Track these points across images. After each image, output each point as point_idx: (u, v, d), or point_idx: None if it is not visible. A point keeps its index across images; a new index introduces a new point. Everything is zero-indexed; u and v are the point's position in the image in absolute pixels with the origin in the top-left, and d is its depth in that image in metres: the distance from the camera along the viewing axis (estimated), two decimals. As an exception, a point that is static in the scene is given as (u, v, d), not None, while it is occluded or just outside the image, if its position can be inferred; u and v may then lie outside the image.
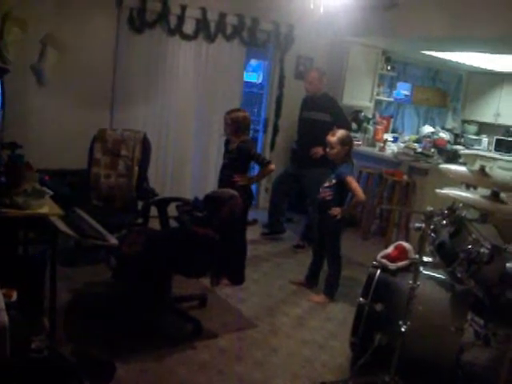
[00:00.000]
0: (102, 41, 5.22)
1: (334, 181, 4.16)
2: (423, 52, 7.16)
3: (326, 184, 4.22)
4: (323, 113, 5.40)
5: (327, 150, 4.24)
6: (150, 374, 3.00)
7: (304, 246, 5.62)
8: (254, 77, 8.03)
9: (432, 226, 3.04)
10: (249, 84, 7.40)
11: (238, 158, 4.32)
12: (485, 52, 6.52)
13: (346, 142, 4.13)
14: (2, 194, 2.84)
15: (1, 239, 2.90)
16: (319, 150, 5.33)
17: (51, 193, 3.11)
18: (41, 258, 3.16)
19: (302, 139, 5.70)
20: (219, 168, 4.57)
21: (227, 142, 4.49)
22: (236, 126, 4.29)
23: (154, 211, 4.18)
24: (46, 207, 2.99)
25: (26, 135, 4.48)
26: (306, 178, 5.48)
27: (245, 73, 6.66)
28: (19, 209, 2.85)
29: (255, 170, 4.74)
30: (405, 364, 2.87)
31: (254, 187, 6.77)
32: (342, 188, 4.13)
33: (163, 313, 3.67)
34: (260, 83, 7.63)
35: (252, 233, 5.78)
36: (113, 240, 3.09)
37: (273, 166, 4.43)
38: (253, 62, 7.81)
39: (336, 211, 4.10)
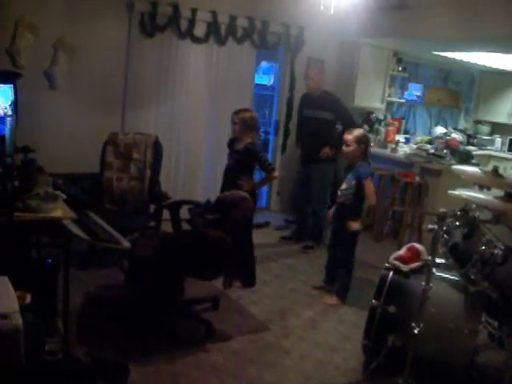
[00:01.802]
0: (113, 45, 5.24)
1: (353, 182, 4.10)
2: (434, 53, 7.13)
3: (344, 186, 4.17)
4: (325, 111, 5.43)
5: (343, 148, 4.20)
6: (162, 376, 3.01)
7: (313, 246, 5.60)
8: (265, 79, 8.02)
9: (445, 228, 3.03)
10: (260, 86, 7.39)
11: (245, 158, 4.29)
12: (497, 52, 6.47)
13: (363, 141, 4.10)
14: (15, 197, 2.86)
15: (14, 243, 2.91)
16: (327, 150, 5.39)
17: (64, 196, 3.13)
18: (54, 262, 3.18)
19: (304, 138, 5.72)
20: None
21: (231, 143, 4.48)
22: (244, 125, 4.28)
23: (166, 214, 4.19)
24: (59, 211, 3.01)
25: (38, 139, 4.52)
26: (311, 176, 5.53)
27: (256, 75, 6.67)
28: (32, 212, 2.87)
29: (259, 174, 4.74)
30: (418, 366, 2.85)
31: (264, 190, 6.80)
32: (360, 190, 4.08)
33: (176, 315, 3.68)
34: (271, 85, 7.62)
35: (263, 235, 5.79)
36: (125, 243, 3.10)
37: (276, 174, 4.40)
38: (263, 64, 7.80)
39: (354, 225, 4.09)
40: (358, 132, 4.17)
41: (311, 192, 5.58)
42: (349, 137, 4.11)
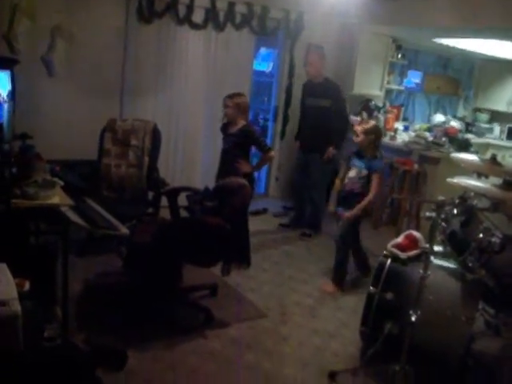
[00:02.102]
0: (111, 31, 5.20)
1: (364, 172, 4.16)
2: (434, 40, 7.08)
3: (354, 175, 4.21)
4: (325, 99, 5.41)
5: (354, 137, 4.27)
6: (161, 363, 3.03)
7: (310, 234, 5.61)
8: (263, 65, 7.97)
9: (443, 216, 3.02)
10: (259, 73, 7.35)
11: (242, 141, 4.39)
12: (497, 39, 6.43)
13: (371, 132, 4.16)
14: (13, 184, 2.86)
15: (12, 230, 2.92)
16: (331, 150, 5.42)
17: (62, 183, 3.12)
18: (52, 248, 3.18)
19: (305, 126, 5.70)
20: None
21: (225, 127, 4.56)
22: (237, 109, 4.40)
23: (164, 201, 4.19)
24: (57, 198, 3.01)
25: (36, 126, 4.49)
26: (312, 165, 5.53)
27: (255, 62, 6.63)
28: (30, 199, 2.87)
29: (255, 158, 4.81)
30: (415, 353, 2.87)
31: (263, 176, 6.80)
32: (369, 181, 4.16)
33: (174, 302, 3.70)
34: (270, 72, 7.58)
35: (261, 222, 5.80)
36: (124, 230, 3.10)
37: (273, 153, 4.54)
38: (263, 50, 7.75)
39: (350, 215, 4.14)
40: (368, 124, 4.30)
41: (310, 180, 5.58)
42: (358, 128, 4.22)
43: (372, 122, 4.42)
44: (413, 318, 2.79)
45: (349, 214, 4.14)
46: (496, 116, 9.02)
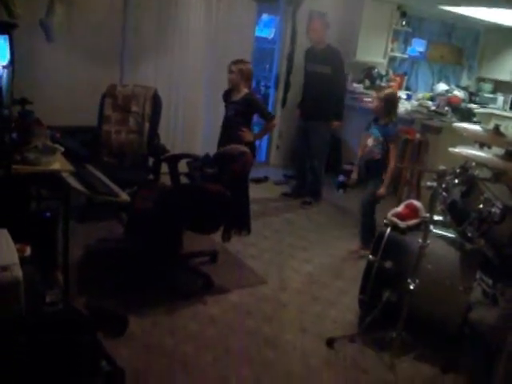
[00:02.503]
0: (111, -6, 5.11)
1: (381, 138, 4.21)
2: (440, 7, 6.97)
3: (372, 142, 4.25)
4: (325, 65, 5.38)
5: (370, 104, 4.35)
6: (161, 328, 3.06)
7: (311, 202, 5.62)
8: (265, 32, 7.86)
9: (444, 185, 3.02)
10: (260, 39, 7.25)
11: (245, 109, 4.38)
12: (503, 7, 6.33)
13: (386, 100, 4.20)
14: (13, 150, 2.85)
15: (13, 196, 2.92)
16: (337, 124, 5.51)
17: (62, 149, 3.11)
18: (53, 214, 3.18)
19: (307, 93, 5.67)
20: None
21: (227, 94, 4.54)
22: (241, 76, 4.36)
23: (164, 168, 4.17)
24: (58, 164, 3.00)
25: (35, 92, 4.43)
26: (312, 132, 5.51)
27: (257, 28, 6.54)
28: (31, 165, 2.86)
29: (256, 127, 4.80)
30: (412, 321, 2.90)
31: (264, 144, 6.78)
32: (387, 148, 4.22)
33: (175, 268, 3.72)
34: (272, 38, 7.48)
35: (262, 190, 5.81)
36: (124, 196, 3.10)
37: (275, 122, 4.55)
38: (265, 17, 7.63)
39: (382, 192, 4.25)
40: (384, 91, 4.40)
41: (310, 148, 5.56)
42: (374, 94, 4.38)
43: (388, 90, 4.50)
44: (411, 287, 2.82)
45: (381, 190, 4.23)
46: (500, 86, 8.93)
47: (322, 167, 5.60)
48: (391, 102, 4.23)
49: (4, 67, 3.41)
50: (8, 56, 4.19)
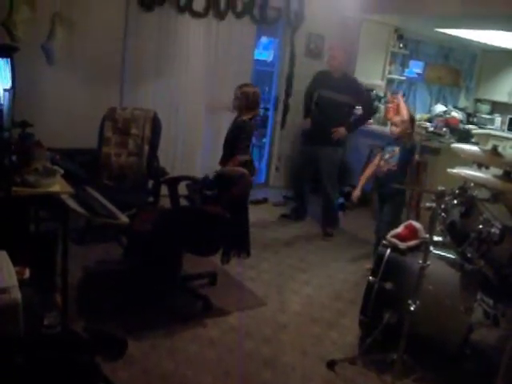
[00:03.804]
0: (111, 19, 5.16)
1: (396, 149, 4.33)
2: (437, 29, 7.05)
3: (388, 156, 4.36)
4: (345, 95, 5.26)
5: (391, 128, 4.39)
6: (160, 351, 3.04)
7: (332, 233, 5.44)
8: (264, 55, 7.95)
9: (443, 206, 3.03)
10: (259, 62, 7.33)
11: (234, 133, 4.30)
12: (500, 29, 6.40)
13: (409, 120, 4.35)
14: (13, 172, 2.86)
15: (13, 218, 2.92)
16: (342, 131, 5.29)
17: (62, 171, 3.12)
18: (52, 236, 3.18)
19: (318, 118, 5.45)
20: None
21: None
22: (245, 100, 4.27)
23: (164, 190, 4.19)
24: (57, 186, 3.00)
25: (36, 114, 4.48)
26: (323, 159, 5.40)
27: (256, 51, 6.60)
28: (30, 187, 2.86)
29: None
30: (413, 342, 2.88)
31: (263, 166, 6.80)
32: (405, 157, 4.34)
33: (174, 291, 3.71)
34: (271, 61, 7.56)
35: (262, 211, 5.81)
36: (124, 218, 3.10)
37: (239, 159, 4.17)
38: (263, 39, 7.73)
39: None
40: (404, 113, 4.51)
41: (321, 174, 5.48)
42: (396, 118, 4.38)
43: (406, 111, 4.57)
44: (412, 308, 2.80)
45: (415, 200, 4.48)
46: (497, 107, 9.01)
47: (334, 193, 5.54)
48: (412, 121, 4.40)
49: (5, 90, 3.43)
50: (9, 79, 4.24)
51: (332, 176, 5.46)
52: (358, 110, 5.70)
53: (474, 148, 3.32)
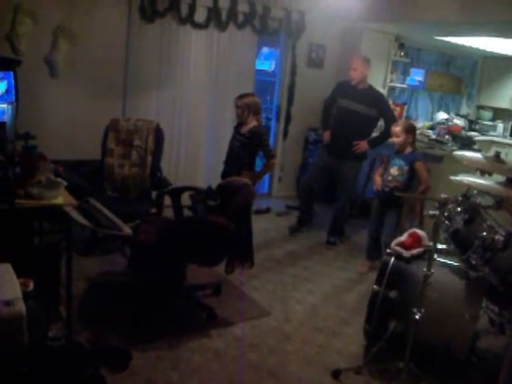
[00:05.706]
0: (113, 31, 5.20)
1: (405, 167, 4.31)
2: (437, 37, 7.07)
3: (396, 172, 4.33)
4: (367, 106, 5.09)
5: (393, 139, 4.38)
6: (165, 362, 3.03)
7: (336, 242, 5.43)
8: (266, 65, 7.97)
9: (446, 213, 3.02)
10: (261, 72, 7.34)
11: (250, 142, 4.36)
12: (500, 36, 6.43)
13: (410, 130, 4.33)
14: (16, 185, 2.87)
15: (16, 230, 2.92)
16: (364, 145, 5.16)
17: (65, 183, 3.13)
18: (56, 248, 3.19)
19: (340, 130, 5.26)
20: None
21: (238, 126, 4.55)
22: (247, 110, 4.36)
23: (167, 201, 4.19)
24: (61, 198, 3.01)
25: (39, 126, 4.51)
26: (344, 172, 5.28)
27: (257, 61, 6.63)
28: (34, 199, 2.87)
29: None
30: (419, 351, 2.87)
31: (266, 176, 6.77)
32: (413, 175, 4.33)
33: (178, 301, 3.70)
34: (272, 71, 7.58)
35: (265, 221, 5.80)
36: (127, 230, 3.11)
37: (275, 161, 4.55)
38: (265, 50, 7.75)
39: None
40: (403, 123, 4.51)
41: (341, 187, 5.37)
42: (397, 128, 4.35)
43: (406, 121, 4.58)
44: (417, 316, 2.79)
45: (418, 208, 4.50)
46: (499, 113, 9.01)
47: (348, 206, 5.49)
48: (411, 131, 4.34)
49: (8, 103, 3.45)
50: (12, 91, 4.27)
51: (349, 190, 5.36)
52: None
53: (477, 155, 3.32)
